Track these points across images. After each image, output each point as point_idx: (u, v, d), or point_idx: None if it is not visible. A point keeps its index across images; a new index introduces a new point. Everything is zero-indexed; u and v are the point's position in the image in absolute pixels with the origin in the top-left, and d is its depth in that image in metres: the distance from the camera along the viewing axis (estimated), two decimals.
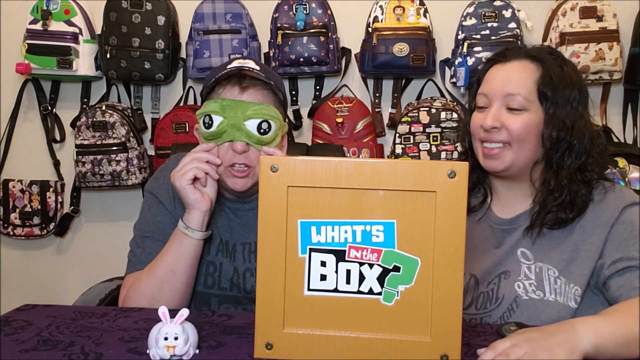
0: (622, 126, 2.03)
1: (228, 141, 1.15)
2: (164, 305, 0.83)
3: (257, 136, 1.14)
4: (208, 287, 1.22)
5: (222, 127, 1.13)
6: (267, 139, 1.15)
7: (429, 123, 1.91)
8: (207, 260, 1.23)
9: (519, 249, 1.13)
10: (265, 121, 1.13)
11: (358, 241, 0.82)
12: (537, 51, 1.15)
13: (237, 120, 1.12)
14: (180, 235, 1.13)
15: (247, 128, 1.13)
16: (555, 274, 1.08)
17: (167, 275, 1.13)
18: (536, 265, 1.11)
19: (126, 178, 2.06)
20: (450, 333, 0.80)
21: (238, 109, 1.13)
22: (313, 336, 0.83)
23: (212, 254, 1.23)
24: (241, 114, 1.12)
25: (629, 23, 1.93)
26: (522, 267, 1.12)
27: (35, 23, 2.06)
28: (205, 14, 2.03)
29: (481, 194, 1.22)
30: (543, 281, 1.09)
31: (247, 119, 1.13)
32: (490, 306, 1.12)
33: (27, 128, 2.29)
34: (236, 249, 1.24)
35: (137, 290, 1.14)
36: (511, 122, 1.09)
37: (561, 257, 1.09)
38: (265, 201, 0.82)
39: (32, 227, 2.20)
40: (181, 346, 0.81)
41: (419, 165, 0.80)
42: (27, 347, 0.88)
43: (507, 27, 1.91)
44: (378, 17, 1.97)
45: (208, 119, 1.14)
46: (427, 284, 0.81)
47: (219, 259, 1.23)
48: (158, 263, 1.14)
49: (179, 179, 1.10)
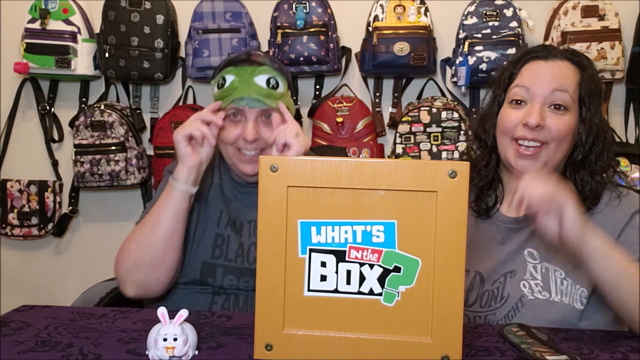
0: (624, 126, 2.02)
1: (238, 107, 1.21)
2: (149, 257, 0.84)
3: (267, 90, 1.22)
4: (215, 257, 1.27)
5: (234, 84, 1.21)
6: (277, 94, 1.23)
7: (429, 123, 1.91)
8: (216, 233, 1.28)
9: (527, 249, 1.13)
10: (273, 78, 1.23)
11: (358, 241, 0.81)
12: (578, 55, 1.14)
13: (247, 76, 1.21)
14: (168, 186, 1.20)
15: (256, 82, 1.21)
16: (562, 275, 1.08)
17: (153, 222, 1.19)
18: (542, 265, 1.10)
19: (125, 178, 2.05)
20: (451, 334, 0.80)
21: (248, 69, 1.23)
22: (313, 337, 0.82)
23: (222, 227, 1.29)
24: (250, 72, 1.22)
25: (630, 22, 1.93)
26: (528, 267, 1.11)
27: (33, 22, 2.05)
28: (205, 13, 2.03)
29: (493, 193, 1.19)
30: (549, 282, 1.08)
31: (257, 74, 1.22)
32: (495, 304, 1.11)
33: (25, 128, 2.28)
34: (243, 226, 1.29)
35: (130, 236, 1.22)
36: (554, 122, 1.07)
37: (569, 259, 1.08)
38: (265, 201, 0.82)
39: (30, 227, 2.19)
40: (180, 347, 0.81)
41: (419, 165, 0.80)
42: (25, 348, 0.87)
43: (509, 26, 1.91)
44: (378, 16, 1.96)
45: (222, 79, 1.24)
46: (427, 284, 0.80)
47: (227, 232, 1.28)
48: (149, 212, 1.22)
49: (177, 133, 1.18)
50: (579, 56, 1.14)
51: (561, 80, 1.09)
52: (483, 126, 1.18)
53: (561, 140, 1.08)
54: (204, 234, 1.28)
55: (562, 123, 1.08)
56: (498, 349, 0.89)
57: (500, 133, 1.13)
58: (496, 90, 1.17)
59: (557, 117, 1.08)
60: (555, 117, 1.08)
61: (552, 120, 1.07)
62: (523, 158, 1.09)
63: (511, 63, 1.16)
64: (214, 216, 1.29)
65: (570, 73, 1.10)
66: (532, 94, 1.09)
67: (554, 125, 1.07)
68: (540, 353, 0.84)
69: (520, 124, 1.08)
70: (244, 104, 1.22)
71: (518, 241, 1.14)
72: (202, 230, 1.28)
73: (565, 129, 1.08)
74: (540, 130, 1.07)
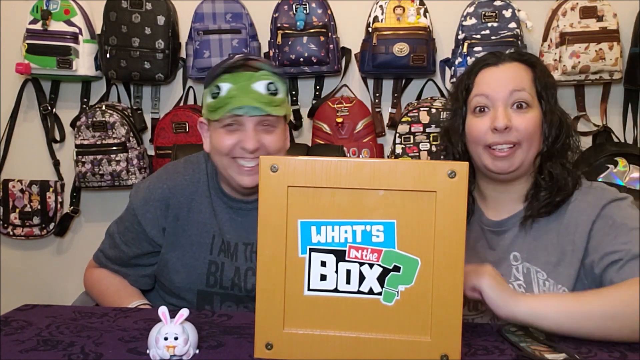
0: (622, 126, 2.02)
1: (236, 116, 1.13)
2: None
3: (267, 96, 1.13)
4: (210, 285, 1.24)
5: (231, 92, 1.12)
6: (277, 101, 1.15)
7: (429, 123, 1.91)
8: (210, 260, 1.24)
9: (512, 252, 1.14)
10: (272, 83, 1.14)
11: (358, 241, 0.82)
12: (525, 55, 1.18)
13: (245, 83, 1.12)
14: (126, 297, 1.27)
15: (255, 89, 1.12)
16: (544, 277, 1.09)
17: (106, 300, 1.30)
18: (524, 265, 1.11)
19: (126, 178, 2.06)
20: (451, 333, 0.80)
21: (245, 75, 1.13)
22: (313, 336, 0.83)
23: (215, 254, 1.24)
24: (248, 78, 1.13)
25: (629, 23, 1.93)
26: (512, 269, 1.13)
27: (35, 23, 2.06)
28: (205, 14, 2.03)
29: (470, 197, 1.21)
30: (532, 283, 1.10)
31: (255, 80, 1.12)
32: (482, 307, 1.13)
33: (27, 128, 2.29)
34: (238, 249, 1.24)
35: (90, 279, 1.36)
36: (521, 121, 1.09)
37: (549, 260, 1.09)
38: (265, 201, 0.82)
39: (31, 227, 2.20)
40: (181, 346, 0.81)
41: (419, 165, 0.80)
42: (26, 347, 0.88)
43: (507, 27, 1.91)
44: (378, 17, 1.96)
45: (216, 88, 1.14)
46: (427, 284, 0.80)
47: (220, 259, 1.24)
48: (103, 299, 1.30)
49: None
50: (526, 55, 1.17)
51: (516, 80, 1.11)
52: (450, 139, 1.20)
53: (531, 137, 1.10)
54: (195, 261, 1.24)
55: (528, 120, 1.09)
56: (497, 347, 0.89)
57: (472, 143, 1.14)
58: (455, 103, 1.19)
59: (521, 115, 1.10)
60: (520, 117, 1.10)
61: (518, 120, 1.09)
62: (499, 159, 1.10)
63: (464, 75, 1.18)
64: (206, 242, 1.24)
65: (522, 72, 1.13)
66: (493, 99, 1.11)
67: (521, 124, 1.09)
68: (539, 352, 0.84)
69: (489, 130, 1.10)
70: (243, 112, 1.13)
71: (503, 246, 1.15)
72: (193, 257, 1.24)
73: (532, 126, 1.10)
74: (509, 132, 1.09)
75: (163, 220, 1.25)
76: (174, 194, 1.25)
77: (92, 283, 1.35)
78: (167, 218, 1.25)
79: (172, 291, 1.27)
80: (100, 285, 1.32)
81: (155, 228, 1.25)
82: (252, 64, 1.15)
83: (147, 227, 1.25)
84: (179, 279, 1.24)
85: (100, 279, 1.33)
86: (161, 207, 1.25)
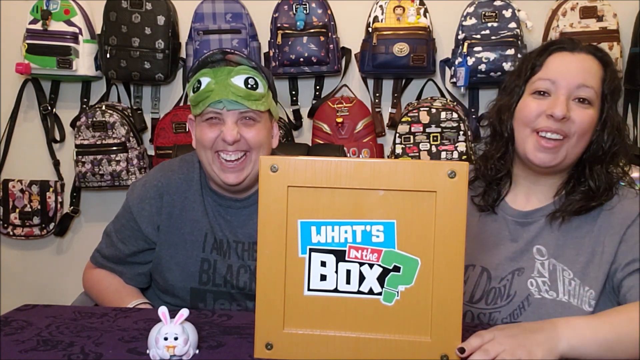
0: None
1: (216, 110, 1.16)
2: None
3: (245, 90, 1.15)
4: (203, 283, 1.25)
5: (209, 86, 1.15)
6: (256, 95, 1.17)
7: (429, 123, 1.91)
8: (202, 258, 1.25)
9: (535, 245, 1.11)
10: (251, 77, 1.16)
11: (358, 241, 0.82)
12: (601, 51, 1.13)
13: (224, 77, 1.15)
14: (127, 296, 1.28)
15: (234, 83, 1.14)
16: (570, 276, 1.06)
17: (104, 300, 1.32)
18: (550, 261, 1.09)
19: (126, 178, 2.06)
20: (451, 333, 0.80)
21: (225, 70, 1.16)
22: (313, 336, 0.83)
23: (207, 252, 1.25)
24: (227, 73, 1.16)
25: (629, 23, 1.93)
26: (536, 264, 1.10)
27: (35, 23, 2.06)
28: (205, 14, 2.03)
29: (501, 187, 1.17)
30: (557, 281, 1.07)
31: (234, 75, 1.15)
32: (501, 302, 1.10)
33: (27, 128, 2.29)
34: (230, 247, 1.25)
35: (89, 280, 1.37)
36: (579, 115, 1.06)
37: (577, 259, 1.07)
38: (265, 201, 0.82)
39: (31, 227, 2.20)
40: (181, 346, 0.81)
41: (419, 165, 0.80)
42: (26, 347, 0.88)
43: (507, 27, 1.91)
44: (378, 17, 1.96)
45: (197, 82, 1.17)
46: (427, 284, 0.80)
47: (213, 257, 1.25)
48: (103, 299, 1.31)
49: None
50: (602, 52, 1.13)
51: (587, 75, 1.07)
52: (500, 117, 1.14)
53: (583, 134, 1.07)
54: (188, 259, 1.25)
55: (586, 116, 1.06)
56: None
57: (520, 124, 1.10)
58: (515, 81, 1.14)
59: (582, 110, 1.06)
60: (580, 110, 1.06)
61: (576, 113, 1.06)
62: (543, 151, 1.07)
63: (533, 53, 1.14)
64: (199, 240, 1.25)
65: (594, 68, 1.09)
66: (558, 86, 1.07)
67: (579, 117, 1.06)
68: None
69: (544, 114, 1.06)
70: (222, 106, 1.15)
71: (527, 238, 1.12)
72: (186, 255, 1.25)
73: (588, 123, 1.07)
74: (564, 122, 1.05)
75: (157, 217, 1.26)
76: (168, 192, 1.26)
77: (91, 284, 1.35)
78: (161, 216, 1.26)
79: (166, 289, 1.28)
80: (100, 285, 1.33)
81: (150, 225, 1.26)
82: (232, 59, 1.18)
83: (142, 224, 1.26)
84: (172, 277, 1.25)
85: (99, 279, 1.33)
86: (156, 205, 1.26)
